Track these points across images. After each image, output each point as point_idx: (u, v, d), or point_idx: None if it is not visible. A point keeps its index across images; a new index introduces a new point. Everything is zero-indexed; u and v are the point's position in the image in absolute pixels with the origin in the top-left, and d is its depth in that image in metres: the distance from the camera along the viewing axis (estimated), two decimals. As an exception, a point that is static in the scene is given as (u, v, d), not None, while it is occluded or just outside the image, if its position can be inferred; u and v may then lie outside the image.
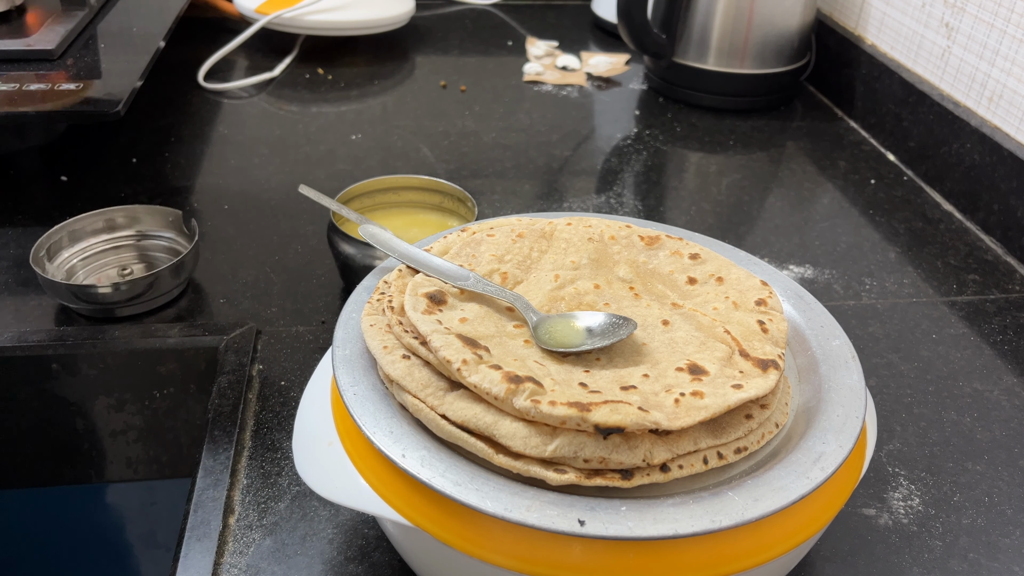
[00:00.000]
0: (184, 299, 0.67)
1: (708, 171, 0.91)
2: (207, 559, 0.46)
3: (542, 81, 1.09)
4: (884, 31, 1.00)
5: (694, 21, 1.00)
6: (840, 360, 0.44)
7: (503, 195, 0.84)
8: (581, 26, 1.27)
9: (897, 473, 0.54)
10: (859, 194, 0.88)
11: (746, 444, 0.38)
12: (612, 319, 0.42)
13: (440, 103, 1.02)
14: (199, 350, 0.62)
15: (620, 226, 0.50)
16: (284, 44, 1.14)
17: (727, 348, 0.42)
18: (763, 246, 0.78)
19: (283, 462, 0.53)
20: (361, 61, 1.13)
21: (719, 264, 0.48)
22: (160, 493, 0.74)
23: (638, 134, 0.98)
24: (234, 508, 0.49)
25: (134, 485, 0.73)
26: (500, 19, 1.29)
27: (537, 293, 0.46)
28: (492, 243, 0.49)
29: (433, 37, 1.22)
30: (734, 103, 1.03)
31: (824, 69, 1.09)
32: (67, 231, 0.68)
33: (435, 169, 0.88)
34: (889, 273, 0.75)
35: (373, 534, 0.48)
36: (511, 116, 1.00)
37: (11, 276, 0.68)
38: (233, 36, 1.08)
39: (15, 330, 0.62)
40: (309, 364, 0.60)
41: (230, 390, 0.57)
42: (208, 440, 0.53)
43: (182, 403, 0.64)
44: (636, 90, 1.09)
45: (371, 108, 1.00)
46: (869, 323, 0.68)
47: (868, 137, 0.99)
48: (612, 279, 0.48)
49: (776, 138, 0.99)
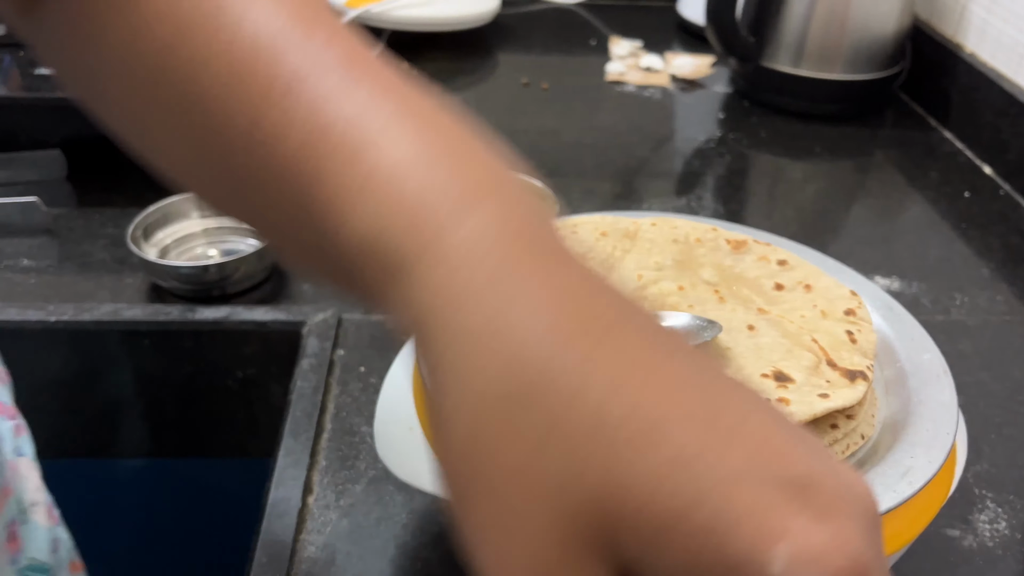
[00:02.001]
0: (269, 283, 0.68)
1: (793, 177, 0.89)
2: (286, 536, 0.47)
3: (625, 81, 1.09)
4: (985, 39, 0.96)
5: (785, 24, 0.98)
6: (931, 374, 0.42)
7: (581, 194, 0.84)
8: (666, 27, 1.26)
9: (984, 495, 0.52)
10: (951, 207, 0.85)
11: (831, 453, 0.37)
12: (696, 321, 0.42)
13: (521, 101, 1.03)
14: (282, 333, 0.64)
15: (706, 228, 0.50)
16: (370, 38, 1.16)
17: (814, 357, 0.41)
18: (848, 256, 0.76)
19: (361, 446, 0.54)
20: (445, 57, 1.15)
21: (807, 271, 0.47)
22: (237, 471, 0.76)
23: (721, 137, 0.96)
24: (313, 488, 0.51)
25: (213, 461, 0.75)
26: (584, 18, 1.29)
27: (619, 292, 0.46)
28: (575, 240, 0.49)
29: (516, 35, 1.23)
30: (822, 109, 1.01)
31: (919, 77, 1.06)
32: (162, 212, 0.70)
33: (514, 166, 0.88)
34: (981, 289, 0.72)
35: (447, 522, 0.49)
36: (592, 115, 1.00)
37: (108, 254, 0.71)
38: (323, 30, 1.10)
39: (111, 306, 0.65)
40: (387, 352, 0.61)
41: (312, 373, 0.58)
42: (290, 421, 0.55)
43: (263, 384, 0.66)
44: (720, 93, 1.07)
45: (454, 103, 1.01)
46: (959, 339, 0.66)
47: (963, 148, 0.96)
48: (696, 282, 0.47)
49: (865, 146, 0.96)
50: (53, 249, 0.72)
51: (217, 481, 0.77)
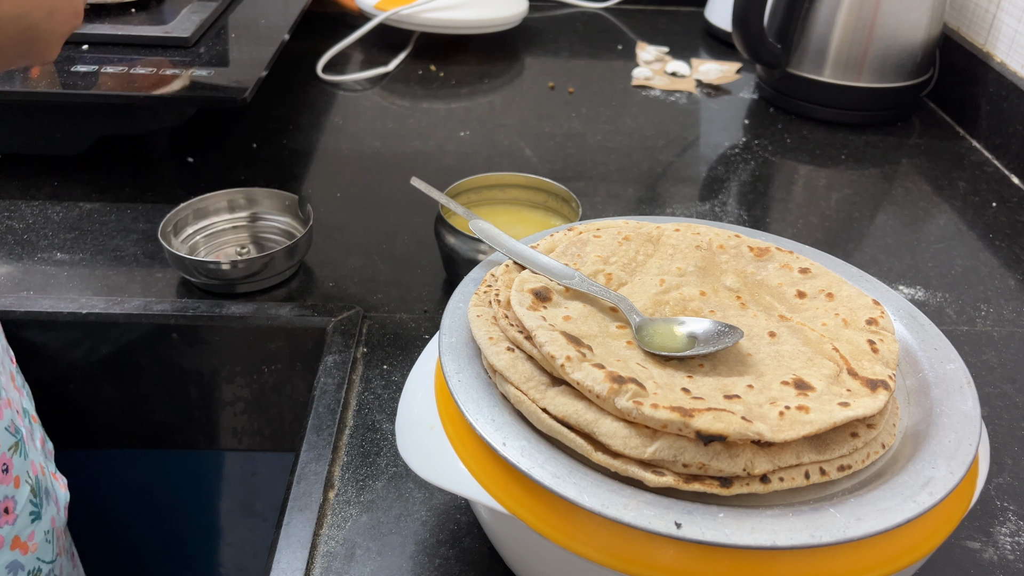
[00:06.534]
0: (295, 280, 0.69)
1: (817, 184, 0.89)
2: (307, 530, 0.48)
3: (650, 86, 1.09)
4: (1015, 49, 0.95)
5: (812, 31, 0.98)
6: (954, 385, 0.42)
7: (605, 198, 0.84)
8: (692, 32, 1.26)
9: (1005, 507, 0.52)
10: (978, 217, 0.84)
11: (850, 462, 0.38)
12: (718, 326, 0.42)
13: (547, 104, 1.03)
14: (307, 330, 0.65)
15: (729, 235, 0.50)
16: (399, 40, 1.17)
17: (835, 366, 0.41)
18: (872, 264, 0.76)
19: (382, 443, 0.54)
20: (472, 60, 1.15)
21: (830, 280, 0.47)
22: (260, 464, 0.77)
23: (746, 143, 0.96)
24: (334, 483, 0.51)
25: (237, 455, 0.76)
26: (611, 23, 1.29)
27: (641, 296, 0.46)
28: (598, 244, 0.49)
29: (543, 38, 1.23)
30: (849, 117, 1.01)
31: (947, 85, 1.05)
32: (192, 209, 0.72)
33: (539, 169, 0.88)
34: (1008, 300, 0.71)
35: (465, 520, 0.50)
36: (617, 120, 1.00)
37: (140, 249, 0.73)
38: (351, 31, 1.11)
39: (141, 299, 0.66)
40: (411, 350, 0.62)
41: (336, 370, 0.59)
42: (313, 416, 0.55)
43: (288, 379, 0.67)
44: (746, 99, 1.07)
45: (480, 106, 1.02)
46: (983, 351, 0.65)
47: (991, 158, 0.95)
48: (718, 288, 0.47)
49: (891, 155, 0.96)
50: (86, 243, 0.73)
51: (240, 474, 0.78)
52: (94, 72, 0.76)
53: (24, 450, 0.55)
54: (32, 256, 0.71)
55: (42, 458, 0.59)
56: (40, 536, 0.55)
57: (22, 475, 0.54)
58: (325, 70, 1.08)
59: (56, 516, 0.58)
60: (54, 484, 0.60)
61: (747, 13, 0.96)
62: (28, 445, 0.56)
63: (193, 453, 0.76)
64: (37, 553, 0.55)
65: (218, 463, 0.78)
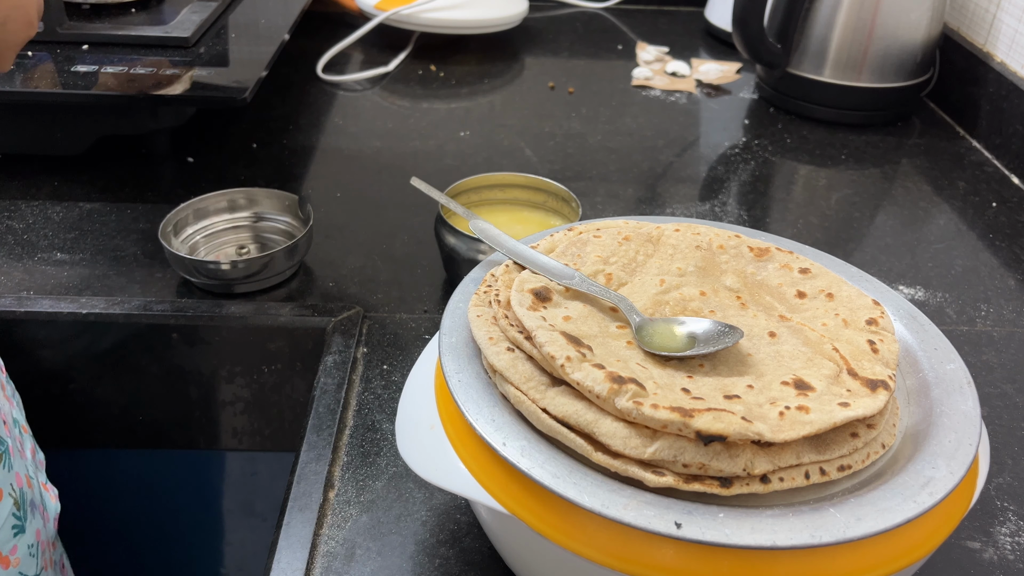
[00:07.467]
0: (295, 280, 0.69)
1: (817, 184, 0.89)
2: (307, 529, 0.48)
3: (650, 86, 1.09)
4: (1015, 49, 0.95)
5: (812, 31, 0.98)
6: (954, 385, 0.42)
7: (605, 198, 0.84)
8: (693, 33, 1.26)
9: (1005, 507, 0.52)
10: (978, 217, 0.84)
11: (850, 463, 0.38)
12: (718, 326, 0.42)
13: (547, 104, 1.03)
14: (307, 330, 0.65)
15: (729, 235, 0.50)
16: (399, 40, 1.17)
17: (835, 366, 0.41)
18: (872, 264, 0.76)
19: (382, 443, 0.54)
20: (472, 60, 1.15)
21: (830, 280, 0.47)
22: (260, 464, 0.77)
23: (746, 143, 0.96)
24: (334, 483, 0.51)
25: (237, 454, 0.76)
26: (611, 23, 1.29)
27: (641, 296, 0.46)
28: (598, 244, 0.49)
29: (544, 38, 1.23)
30: (849, 117, 1.01)
31: (947, 85, 1.05)
32: (192, 209, 0.71)
33: (539, 169, 0.88)
34: (1008, 300, 0.71)
35: (465, 520, 0.50)
36: (617, 120, 1.00)
37: (140, 248, 0.73)
38: (351, 31, 1.11)
39: (141, 299, 0.66)
40: (411, 350, 0.62)
41: (336, 370, 0.59)
42: (313, 416, 0.55)
43: (288, 379, 0.67)
44: (746, 99, 1.07)
45: (480, 106, 1.02)
46: (983, 351, 0.65)
47: (991, 158, 0.95)
48: (718, 288, 0.47)
49: (891, 154, 0.96)
50: (86, 243, 0.73)
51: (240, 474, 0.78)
52: (94, 72, 0.76)
53: (9, 462, 0.54)
54: (32, 256, 0.71)
55: (31, 469, 0.58)
56: (23, 550, 0.54)
57: (5, 488, 0.53)
58: (325, 70, 1.08)
59: (42, 529, 0.57)
60: (44, 495, 0.59)
61: (747, 13, 0.96)
62: (14, 457, 0.55)
63: (193, 453, 0.76)
64: (20, 568, 0.54)
65: (218, 463, 0.78)
